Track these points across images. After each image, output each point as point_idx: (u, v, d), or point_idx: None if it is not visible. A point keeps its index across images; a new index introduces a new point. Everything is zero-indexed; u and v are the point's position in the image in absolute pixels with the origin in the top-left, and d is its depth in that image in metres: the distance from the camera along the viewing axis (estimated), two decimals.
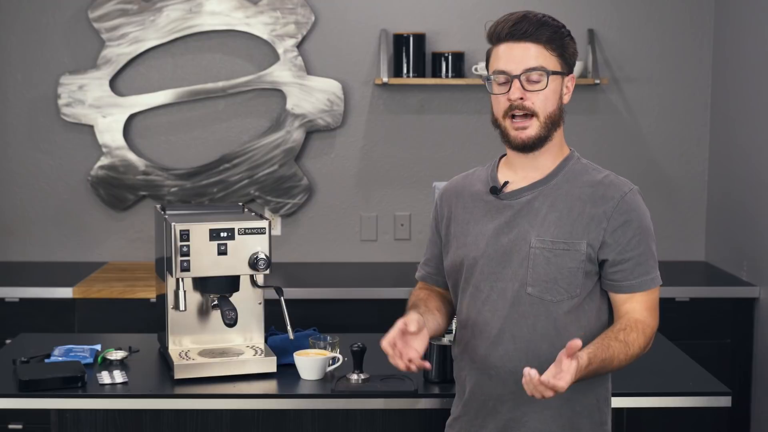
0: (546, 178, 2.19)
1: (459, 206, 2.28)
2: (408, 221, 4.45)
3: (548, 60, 2.13)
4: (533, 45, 2.13)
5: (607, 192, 2.15)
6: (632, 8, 4.38)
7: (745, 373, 3.94)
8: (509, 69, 2.13)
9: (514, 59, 2.13)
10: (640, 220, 2.15)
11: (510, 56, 2.13)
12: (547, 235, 2.14)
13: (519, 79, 2.12)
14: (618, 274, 2.14)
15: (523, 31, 2.12)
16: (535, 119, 2.13)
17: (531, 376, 1.90)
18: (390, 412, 2.68)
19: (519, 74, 2.12)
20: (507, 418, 2.18)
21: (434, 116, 4.42)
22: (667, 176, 4.45)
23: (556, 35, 2.15)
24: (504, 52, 2.15)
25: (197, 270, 2.64)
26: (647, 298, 2.15)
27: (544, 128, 2.14)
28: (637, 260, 2.14)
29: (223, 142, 4.41)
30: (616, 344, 2.07)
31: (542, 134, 2.14)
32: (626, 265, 2.13)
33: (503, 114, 2.15)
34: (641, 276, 2.14)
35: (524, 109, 2.13)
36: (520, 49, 2.13)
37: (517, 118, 2.14)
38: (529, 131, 2.14)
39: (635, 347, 2.09)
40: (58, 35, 4.34)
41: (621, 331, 2.10)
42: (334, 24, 4.37)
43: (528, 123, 2.13)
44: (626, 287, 2.14)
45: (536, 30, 2.12)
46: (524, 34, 2.12)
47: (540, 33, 2.13)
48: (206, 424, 2.70)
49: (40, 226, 4.42)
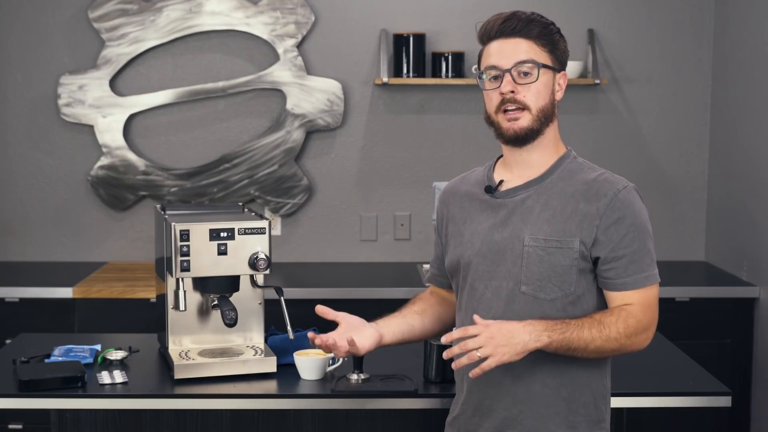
0: (541, 177, 2.19)
1: (456, 206, 2.30)
2: (408, 221, 4.45)
3: (539, 54, 2.15)
4: (523, 40, 2.15)
5: (600, 189, 2.15)
6: (632, 8, 4.38)
7: (745, 373, 3.94)
8: (500, 64, 2.15)
9: (505, 54, 2.15)
10: (634, 217, 2.14)
11: (501, 52, 2.15)
12: (540, 233, 2.14)
13: (510, 73, 2.14)
14: (611, 272, 2.14)
15: (512, 27, 2.15)
16: (527, 112, 2.15)
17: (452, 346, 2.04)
18: (390, 412, 2.68)
19: (510, 68, 2.14)
20: (503, 417, 2.19)
21: (434, 116, 4.42)
22: (667, 176, 4.45)
23: (546, 31, 2.17)
24: (495, 49, 2.17)
25: (197, 270, 2.64)
26: (642, 296, 2.14)
27: (537, 121, 2.15)
28: (631, 258, 2.13)
29: (223, 142, 4.41)
30: (588, 320, 2.09)
31: (534, 127, 2.15)
32: (619, 263, 2.13)
33: (496, 109, 2.17)
34: (635, 274, 2.14)
35: (516, 102, 2.14)
36: (511, 45, 2.15)
37: (509, 112, 2.15)
38: (521, 122, 2.15)
39: (612, 329, 2.09)
40: (58, 35, 4.34)
41: (596, 313, 2.12)
42: (334, 24, 4.37)
43: (520, 114, 2.15)
44: (619, 285, 2.14)
45: (525, 26, 2.15)
46: (514, 30, 2.15)
47: (529, 29, 2.15)
48: (206, 424, 2.70)
49: (40, 226, 4.42)
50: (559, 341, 2.05)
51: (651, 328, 2.16)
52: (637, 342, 2.13)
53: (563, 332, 2.06)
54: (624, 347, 2.12)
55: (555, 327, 2.06)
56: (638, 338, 2.13)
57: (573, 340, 2.06)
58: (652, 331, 2.16)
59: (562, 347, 2.07)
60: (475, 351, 2.01)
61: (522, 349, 2.03)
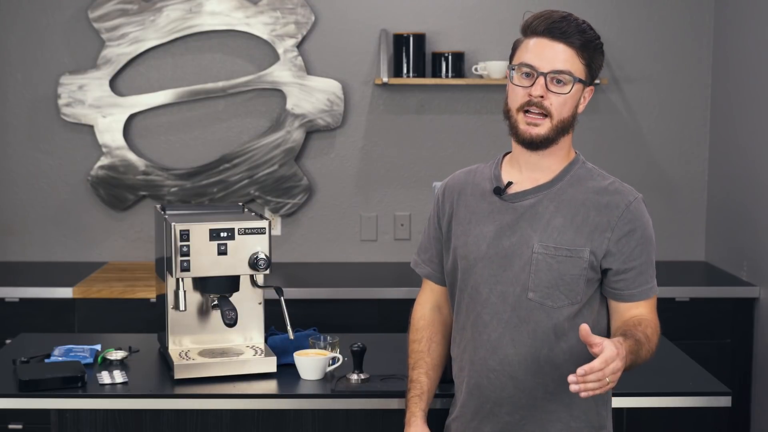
0: (551, 182, 2.17)
1: (461, 204, 2.26)
2: (408, 221, 4.45)
3: (576, 66, 2.11)
4: (566, 47, 2.10)
5: (612, 200, 2.14)
6: (632, 8, 4.38)
7: (745, 373, 3.94)
8: (537, 65, 2.10)
9: (545, 57, 2.09)
10: (644, 229, 2.14)
11: (540, 52, 2.10)
12: (550, 240, 2.13)
13: (545, 77, 2.09)
14: (621, 283, 2.14)
15: (561, 30, 2.09)
16: (548, 120, 2.11)
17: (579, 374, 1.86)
18: (390, 412, 2.68)
19: (546, 72, 2.09)
20: (505, 422, 2.18)
21: (434, 116, 4.42)
22: (667, 176, 4.45)
23: (590, 44, 2.12)
24: (535, 46, 2.11)
25: (197, 270, 2.64)
26: (650, 305, 2.17)
27: (554, 131, 2.12)
28: (639, 270, 2.14)
29: (223, 142, 4.41)
30: (642, 337, 2.06)
31: (551, 136, 2.12)
32: (629, 275, 2.13)
33: (518, 107, 2.12)
34: (642, 285, 2.15)
35: (541, 107, 2.10)
36: (552, 48, 2.10)
37: (530, 114, 2.12)
38: (539, 129, 2.11)
39: (652, 342, 2.09)
40: (58, 35, 4.34)
41: (639, 327, 2.09)
42: (334, 24, 4.37)
43: (541, 121, 2.11)
44: (627, 296, 2.15)
45: (574, 34, 2.09)
46: (562, 34, 2.09)
47: (576, 38, 2.10)
48: (206, 424, 2.70)
49: (40, 226, 4.42)
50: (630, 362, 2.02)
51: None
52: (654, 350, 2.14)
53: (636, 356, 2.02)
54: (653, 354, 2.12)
55: (632, 348, 2.01)
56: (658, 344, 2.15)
57: (636, 362, 2.05)
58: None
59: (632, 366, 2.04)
60: (606, 380, 1.90)
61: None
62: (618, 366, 1.89)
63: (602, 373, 1.87)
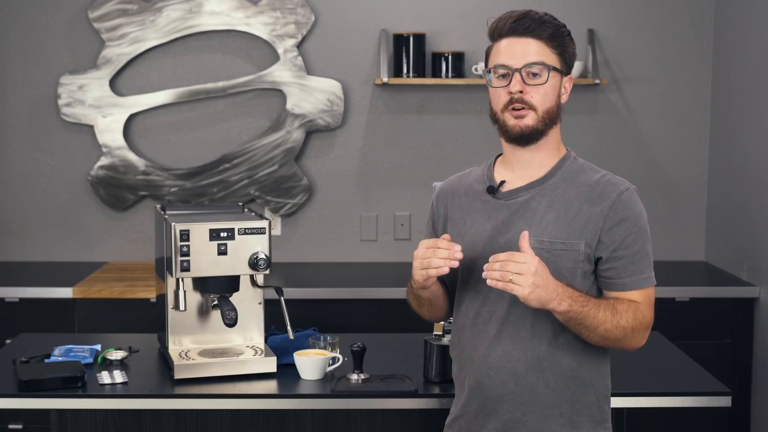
0: (543, 178, 2.19)
1: (455, 206, 2.28)
2: (408, 221, 4.45)
3: (549, 56, 2.15)
4: (535, 41, 2.15)
5: (604, 191, 2.16)
6: (632, 8, 4.38)
7: (745, 373, 3.94)
8: (510, 63, 2.14)
9: (516, 54, 2.14)
10: (636, 219, 2.15)
11: (511, 51, 2.15)
12: (544, 235, 2.14)
13: (520, 73, 2.13)
14: (611, 272, 2.14)
15: (525, 26, 2.14)
16: (534, 112, 2.15)
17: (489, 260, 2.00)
18: (390, 412, 2.68)
19: (520, 68, 2.13)
20: (507, 418, 2.18)
21: (434, 116, 4.42)
22: (667, 176, 4.45)
23: (557, 33, 2.17)
24: (505, 47, 2.16)
25: (197, 270, 2.64)
26: (645, 295, 2.16)
27: (541, 122, 2.15)
28: (631, 259, 2.14)
29: (223, 142, 4.41)
30: (604, 302, 2.09)
31: (539, 127, 2.15)
32: (619, 263, 2.14)
33: (502, 107, 2.16)
34: (634, 275, 2.14)
35: (523, 102, 2.14)
36: (522, 44, 2.15)
37: (515, 109, 2.15)
38: (527, 120, 2.14)
39: (623, 317, 2.09)
40: (58, 35, 4.34)
41: (611, 299, 2.13)
42: (334, 24, 4.37)
43: (527, 112, 2.15)
44: (618, 285, 2.15)
45: (538, 26, 2.14)
46: (526, 30, 2.14)
47: (542, 30, 2.15)
48: (206, 424, 2.70)
49: (40, 226, 4.42)
50: (576, 312, 2.05)
51: (650, 329, 2.17)
52: (636, 339, 2.14)
53: (583, 305, 2.06)
54: (626, 339, 2.12)
55: (578, 298, 2.05)
56: (640, 335, 2.14)
57: (589, 316, 2.06)
58: (649, 331, 2.17)
59: (575, 320, 2.06)
60: (509, 272, 1.99)
61: (544, 301, 2.01)
62: (526, 269, 1.98)
63: (504, 264, 2.00)
